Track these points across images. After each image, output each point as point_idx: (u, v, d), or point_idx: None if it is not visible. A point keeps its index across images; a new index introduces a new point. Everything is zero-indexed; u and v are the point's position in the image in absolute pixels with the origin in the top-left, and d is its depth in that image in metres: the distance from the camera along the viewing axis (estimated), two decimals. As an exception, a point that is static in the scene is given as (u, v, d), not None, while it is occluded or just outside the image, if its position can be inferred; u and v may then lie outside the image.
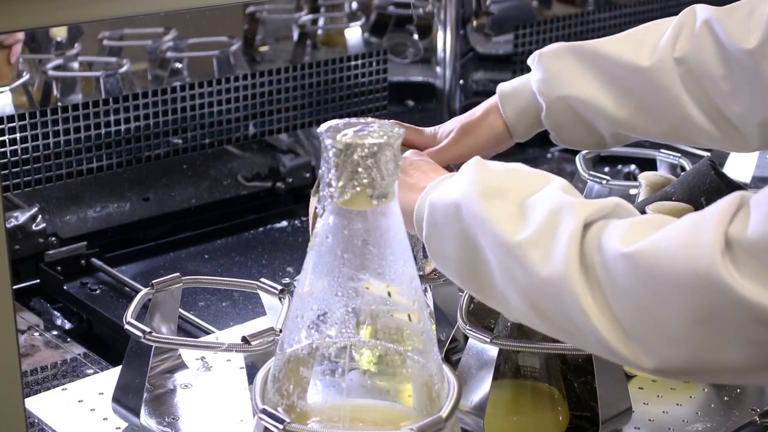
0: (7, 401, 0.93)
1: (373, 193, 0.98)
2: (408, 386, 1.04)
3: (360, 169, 0.97)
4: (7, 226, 1.49)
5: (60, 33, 1.62)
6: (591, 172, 1.55)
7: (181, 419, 1.18)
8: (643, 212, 1.26)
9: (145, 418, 1.16)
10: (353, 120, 1.00)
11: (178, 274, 1.23)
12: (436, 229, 1.02)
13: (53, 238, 1.62)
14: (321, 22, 1.91)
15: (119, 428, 1.17)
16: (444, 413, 0.99)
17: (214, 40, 1.78)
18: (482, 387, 1.13)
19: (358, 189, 0.97)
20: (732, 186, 1.27)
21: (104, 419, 1.18)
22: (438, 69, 2.02)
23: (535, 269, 0.93)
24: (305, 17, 1.88)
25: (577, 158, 1.59)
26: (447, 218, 1.01)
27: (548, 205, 0.94)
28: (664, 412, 1.21)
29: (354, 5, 1.95)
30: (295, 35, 1.88)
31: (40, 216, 1.60)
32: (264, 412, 0.99)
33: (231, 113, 1.76)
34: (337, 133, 0.97)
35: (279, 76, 1.78)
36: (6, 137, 1.52)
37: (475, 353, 1.15)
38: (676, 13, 1.19)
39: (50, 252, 1.61)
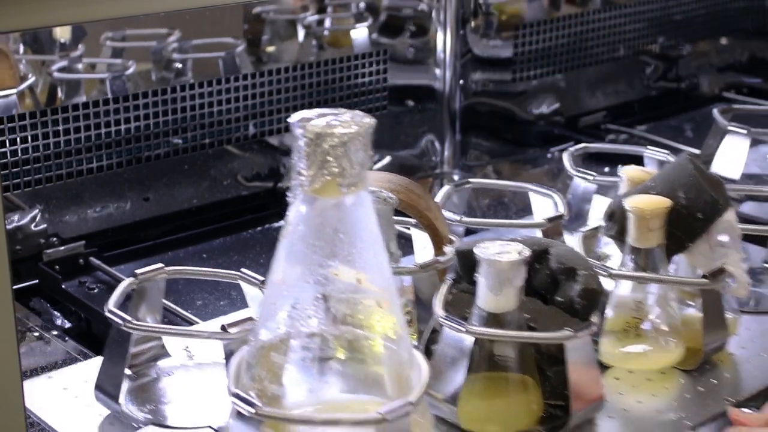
0: (7, 401, 0.95)
1: (343, 182, 1.00)
2: (379, 372, 1.06)
3: (330, 158, 0.99)
4: (8, 227, 1.50)
5: (64, 34, 1.64)
6: (578, 169, 1.57)
7: (163, 406, 1.20)
8: (620, 206, 1.28)
9: (127, 405, 1.18)
10: (326, 110, 1.03)
11: (161, 264, 1.25)
12: None
13: (54, 239, 1.63)
14: (321, 22, 1.92)
15: (102, 415, 1.19)
16: (412, 397, 1.01)
17: (215, 41, 1.79)
18: (457, 376, 1.15)
19: (328, 178, 1.00)
20: (710, 180, 1.28)
21: (87, 406, 1.20)
22: (438, 69, 2.03)
23: None
24: (304, 17, 1.89)
25: (564, 155, 1.61)
26: None
27: None
28: (638, 402, 1.22)
29: (360, 5, 1.95)
30: (296, 36, 1.89)
31: (40, 216, 1.61)
32: (236, 395, 1.01)
33: (231, 113, 1.77)
34: (307, 123, 1.00)
35: (279, 76, 1.80)
36: (6, 137, 1.53)
37: (451, 342, 1.16)
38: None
39: (48, 251, 1.62)
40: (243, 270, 1.25)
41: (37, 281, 1.62)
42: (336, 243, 1.01)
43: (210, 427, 1.16)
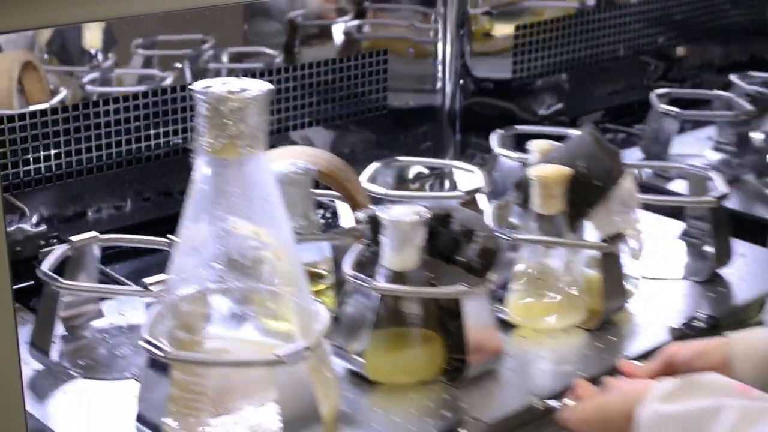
0: (7, 401, 1.00)
1: (241, 144, 1.09)
2: (280, 320, 1.15)
3: (228, 122, 1.08)
4: (8, 228, 1.53)
5: (94, 43, 1.63)
6: (503, 149, 1.66)
7: (95, 363, 1.29)
8: (525, 176, 1.36)
9: (62, 362, 1.27)
10: (227, 78, 1.12)
11: (95, 233, 1.35)
12: None
13: (54, 240, 1.66)
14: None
15: (36, 370, 1.28)
16: (308, 342, 1.09)
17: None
18: (364, 331, 1.23)
19: (226, 140, 1.09)
20: (607, 151, 1.36)
21: (23, 363, 1.28)
22: (438, 68, 2.03)
23: None
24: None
25: (493, 136, 1.69)
26: None
27: None
28: (540, 356, 1.30)
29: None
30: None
31: (40, 217, 1.61)
32: (147, 342, 1.10)
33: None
34: (208, 89, 1.09)
35: (279, 76, 1.80)
36: (6, 137, 1.53)
37: (359, 299, 1.24)
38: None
39: (44, 251, 1.55)
40: (169, 236, 1.34)
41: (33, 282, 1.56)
42: (236, 199, 1.10)
43: (134, 378, 1.24)
